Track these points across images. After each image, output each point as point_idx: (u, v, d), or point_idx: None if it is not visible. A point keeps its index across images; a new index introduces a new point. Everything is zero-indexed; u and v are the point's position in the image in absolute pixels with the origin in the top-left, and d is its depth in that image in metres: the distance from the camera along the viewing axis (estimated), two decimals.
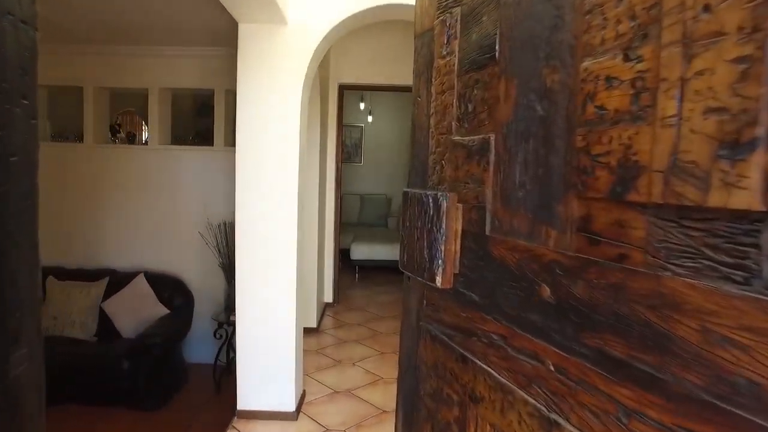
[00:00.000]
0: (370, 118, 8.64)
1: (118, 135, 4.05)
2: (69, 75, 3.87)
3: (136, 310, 3.55)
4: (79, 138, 3.96)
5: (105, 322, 3.57)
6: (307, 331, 3.94)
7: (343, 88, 4.60)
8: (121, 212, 3.97)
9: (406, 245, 0.85)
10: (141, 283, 3.62)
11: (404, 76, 4.66)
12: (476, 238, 0.74)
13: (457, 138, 0.81)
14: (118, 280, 3.69)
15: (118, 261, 3.96)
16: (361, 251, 6.30)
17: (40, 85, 3.84)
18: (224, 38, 2.33)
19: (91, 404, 3.22)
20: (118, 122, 4.15)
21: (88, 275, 3.73)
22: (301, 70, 2.30)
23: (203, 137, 4.04)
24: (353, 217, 8.40)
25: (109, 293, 3.62)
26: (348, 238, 6.54)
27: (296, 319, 2.46)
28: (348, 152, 8.74)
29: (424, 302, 0.96)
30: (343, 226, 5.35)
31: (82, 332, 3.48)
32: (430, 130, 0.92)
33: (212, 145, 3.92)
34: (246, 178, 2.32)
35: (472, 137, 0.76)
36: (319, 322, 4.03)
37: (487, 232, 0.70)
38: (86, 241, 4.00)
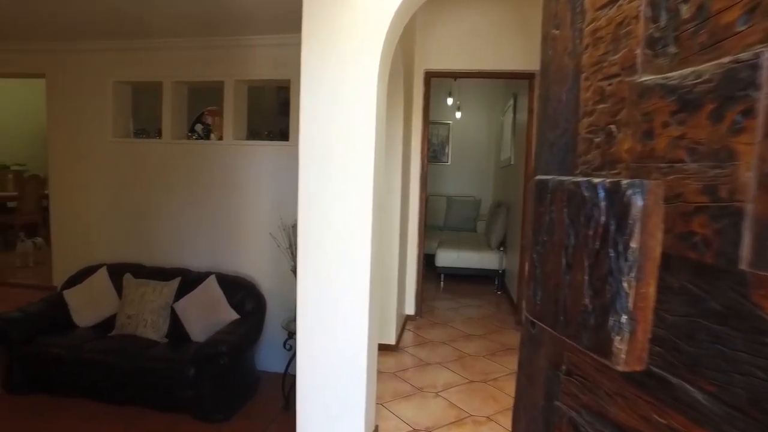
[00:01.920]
0: (458, 115, 8.23)
1: (197, 130, 4.05)
2: (149, 71, 3.93)
3: (205, 313, 3.49)
4: (159, 134, 4.02)
5: (176, 324, 3.55)
6: (385, 349, 3.66)
7: (429, 75, 4.27)
8: (195, 209, 3.96)
9: (538, 276, 0.50)
10: (212, 285, 3.56)
11: (499, 60, 4.24)
12: (702, 274, 0.37)
13: (650, 78, 0.44)
14: (190, 281, 3.66)
15: (192, 260, 3.95)
16: (447, 257, 5.93)
17: (124, 82, 3.96)
18: (299, 24, 2.12)
19: (156, 409, 3.19)
20: (205, 120, 4.15)
21: (164, 274, 3.75)
22: (377, 42, 2.01)
23: (286, 136, 3.91)
24: (439, 221, 8.05)
25: (181, 293, 3.60)
26: (433, 242, 6.20)
27: (369, 338, 2.18)
28: (434, 151, 8.41)
29: (563, 368, 0.60)
30: (427, 229, 5.03)
31: (154, 332, 3.48)
32: (581, 75, 0.56)
33: (288, 140, 3.78)
34: (309, 174, 2.07)
35: (694, 69, 0.39)
36: (399, 338, 3.72)
37: (745, 266, 0.33)
38: (163, 238, 4.04)
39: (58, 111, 4.20)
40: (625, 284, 0.38)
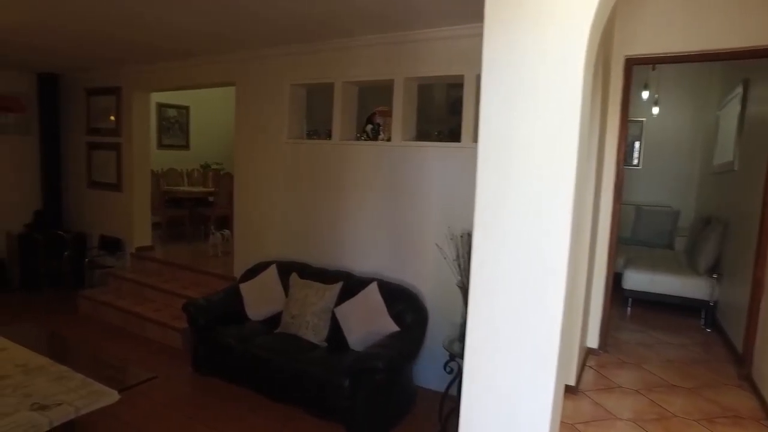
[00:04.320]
0: (655, 110, 7.05)
1: (367, 131, 3.99)
2: (322, 72, 3.99)
3: (364, 321, 3.37)
4: (329, 135, 4.06)
5: (336, 328, 3.52)
6: None
7: (631, 63, 3.55)
8: (361, 212, 3.91)
9: None
10: (373, 293, 3.44)
11: (725, 36, 3.23)
12: None
13: None
14: (352, 285, 3.60)
15: (354, 263, 3.91)
16: (638, 280, 5.03)
17: (299, 84, 4.05)
18: (476, 12, 1.79)
19: (312, 414, 3.19)
20: (376, 120, 4.10)
21: (327, 276, 3.76)
22: (584, 20, 1.57)
23: (456, 137, 3.62)
24: (625, 232, 7.00)
25: (342, 296, 3.55)
26: (619, 259, 5.34)
27: (555, 385, 1.76)
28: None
29: None
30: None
31: (314, 335, 3.49)
32: None
33: (459, 141, 3.48)
34: (489, 181, 1.72)
35: None
36: (579, 378, 3.13)
37: None
38: (329, 239, 4.08)
39: (243, 114, 4.53)
40: None
